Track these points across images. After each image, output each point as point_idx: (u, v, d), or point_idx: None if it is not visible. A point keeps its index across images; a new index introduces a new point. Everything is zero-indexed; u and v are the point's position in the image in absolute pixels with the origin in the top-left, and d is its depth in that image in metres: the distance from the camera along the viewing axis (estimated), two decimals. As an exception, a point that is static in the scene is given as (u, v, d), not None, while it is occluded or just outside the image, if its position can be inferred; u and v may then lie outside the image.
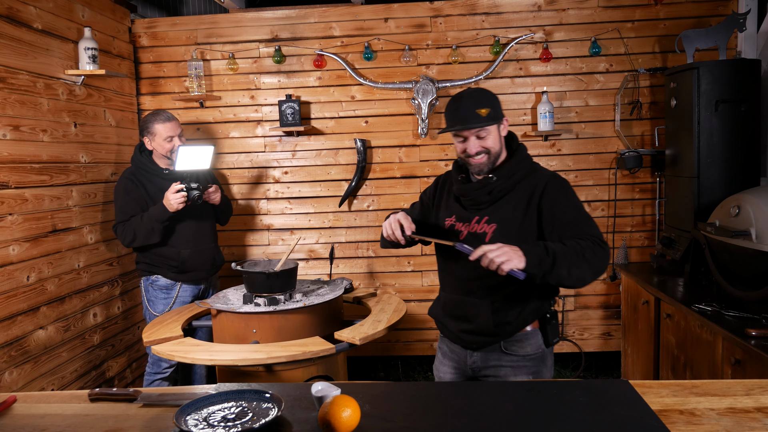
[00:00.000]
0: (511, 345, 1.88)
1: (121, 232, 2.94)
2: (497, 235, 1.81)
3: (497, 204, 1.87)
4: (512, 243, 1.67)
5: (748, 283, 2.39)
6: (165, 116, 3.00)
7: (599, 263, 1.70)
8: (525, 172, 1.89)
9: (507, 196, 1.86)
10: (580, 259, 1.66)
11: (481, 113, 1.81)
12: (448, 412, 1.29)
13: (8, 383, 2.58)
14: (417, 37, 3.69)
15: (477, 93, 1.86)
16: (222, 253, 3.29)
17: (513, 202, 1.85)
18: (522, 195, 1.85)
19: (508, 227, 1.83)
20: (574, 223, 1.78)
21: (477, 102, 1.82)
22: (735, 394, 1.34)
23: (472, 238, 1.86)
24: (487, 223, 1.86)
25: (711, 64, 2.99)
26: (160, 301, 3.05)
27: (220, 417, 1.26)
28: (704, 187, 3.01)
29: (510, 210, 1.84)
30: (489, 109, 1.82)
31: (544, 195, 1.82)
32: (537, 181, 1.85)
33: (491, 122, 1.82)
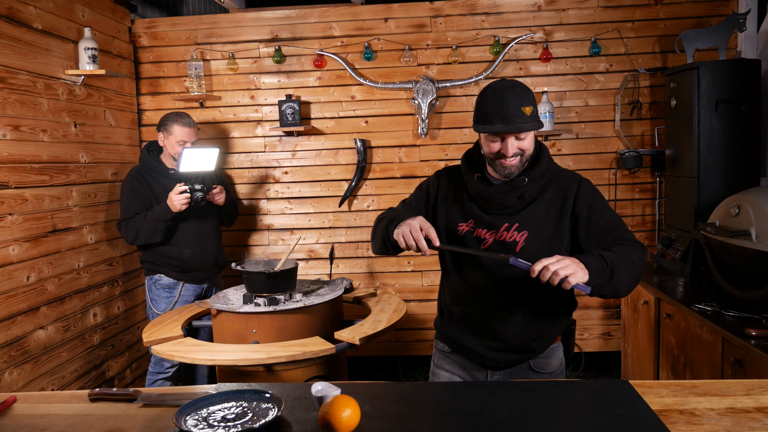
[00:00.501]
0: (540, 362, 1.77)
1: (124, 229, 2.97)
2: (530, 244, 1.67)
3: (528, 209, 1.71)
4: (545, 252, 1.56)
5: (748, 283, 2.39)
6: (186, 121, 3.03)
7: (642, 267, 1.62)
8: (552, 174, 1.75)
9: (537, 200, 1.72)
10: (630, 265, 1.57)
11: (526, 112, 1.63)
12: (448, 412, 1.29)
13: (8, 383, 2.58)
14: (417, 37, 3.68)
15: (520, 88, 1.65)
16: (225, 253, 3.29)
17: (544, 206, 1.71)
18: (553, 199, 1.71)
19: (541, 235, 1.69)
20: (611, 228, 1.67)
21: (522, 98, 1.63)
22: (735, 394, 1.34)
23: (498, 247, 1.70)
24: (517, 230, 1.69)
25: (711, 64, 2.99)
26: (163, 300, 3.08)
27: (220, 417, 1.26)
28: (704, 187, 3.01)
29: (542, 215, 1.70)
30: (532, 107, 1.65)
31: (579, 199, 1.70)
32: (568, 184, 1.73)
33: (536, 123, 1.65)
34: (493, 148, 1.67)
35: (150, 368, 3.10)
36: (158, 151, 3.12)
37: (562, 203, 1.70)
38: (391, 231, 1.69)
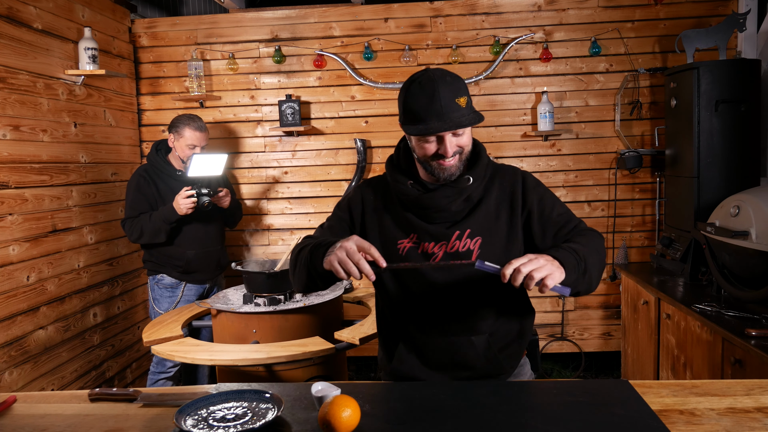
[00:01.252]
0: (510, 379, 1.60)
1: (129, 227, 2.97)
2: (485, 250, 1.49)
3: (476, 212, 1.52)
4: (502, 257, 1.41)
5: (748, 283, 2.39)
6: (198, 125, 3.03)
7: (605, 255, 1.50)
8: (493, 170, 1.58)
9: (484, 200, 1.53)
10: (598, 256, 1.44)
11: (461, 103, 1.42)
12: (447, 412, 1.29)
13: (8, 383, 2.58)
14: (417, 37, 3.68)
15: (450, 77, 1.44)
16: (227, 255, 3.30)
17: (492, 206, 1.52)
18: (500, 197, 1.54)
19: (495, 238, 1.51)
20: (566, 219, 1.53)
21: (454, 89, 1.42)
22: (735, 394, 1.34)
23: (450, 259, 1.49)
24: (470, 237, 1.50)
25: (711, 64, 2.99)
26: (165, 300, 3.08)
27: (219, 417, 1.26)
28: (704, 187, 3.01)
29: (492, 217, 1.52)
30: (467, 98, 1.44)
31: (527, 193, 1.53)
32: (511, 179, 1.56)
33: (474, 115, 1.44)
34: (429, 150, 1.45)
35: (152, 368, 3.10)
36: (166, 151, 3.12)
37: (511, 200, 1.53)
38: (319, 260, 1.41)
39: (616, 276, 3.68)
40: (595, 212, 3.72)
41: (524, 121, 3.70)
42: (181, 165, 3.05)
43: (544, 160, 3.70)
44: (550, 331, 3.80)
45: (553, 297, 3.76)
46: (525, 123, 3.70)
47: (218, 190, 3.01)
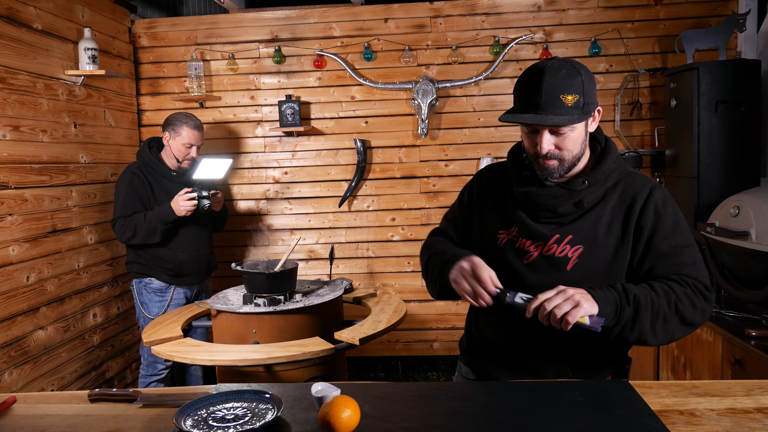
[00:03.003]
0: None
1: (120, 227, 2.87)
2: (584, 262, 1.37)
3: (585, 218, 1.39)
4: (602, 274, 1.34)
5: (748, 284, 2.39)
6: (195, 123, 2.98)
7: (696, 318, 1.32)
8: (619, 177, 1.42)
9: (597, 207, 1.39)
10: (671, 310, 1.29)
11: (567, 102, 1.30)
12: (448, 412, 1.29)
13: (8, 383, 2.58)
14: (417, 37, 3.69)
15: (566, 69, 1.31)
16: (216, 258, 3.26)
17: (605, 216, 1.38)
18: (618, 208, 1.39)
19: (601, 251, 1.37)
20: (674, 255, 1.35)
21: (564, 83, 1.30)
22: (735, 394, 1.34)
23: (544, 262, 1.40)
24: (570, 243, 1.38)
25: (711, 65, 2.99)
26: (155, 304, 3.00)
27: (219, 417, 1.26)
28: (704, 187, 3.01)
29: (603, 227, 1.37)
30: (578, 96, 1.30)
31: (646, 208, 1.37)
32: (636, 190, 1.39)
33: (577, 117, 1.31)
34: (528, 144, 1.38)
35: (142, 371, 3.04)
36: (158, 149, 3.05)
37: (628, 213, 1.37)
38: (447, 275, 1.40)
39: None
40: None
41: (524, 122, 3.69)
42: (175, 164, 3.00)
43: (544, 161, 3.70)
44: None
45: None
46: (525, 123, 3.69)
47: (215, 192, 2.98)
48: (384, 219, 3.80)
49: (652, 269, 1.36)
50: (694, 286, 1.33)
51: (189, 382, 3.26)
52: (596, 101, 1.37)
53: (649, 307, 1.28)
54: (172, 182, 2.98)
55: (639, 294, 1.28)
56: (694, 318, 1.32)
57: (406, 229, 3.80)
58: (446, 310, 3.81)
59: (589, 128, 1.40)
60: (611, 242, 1.37)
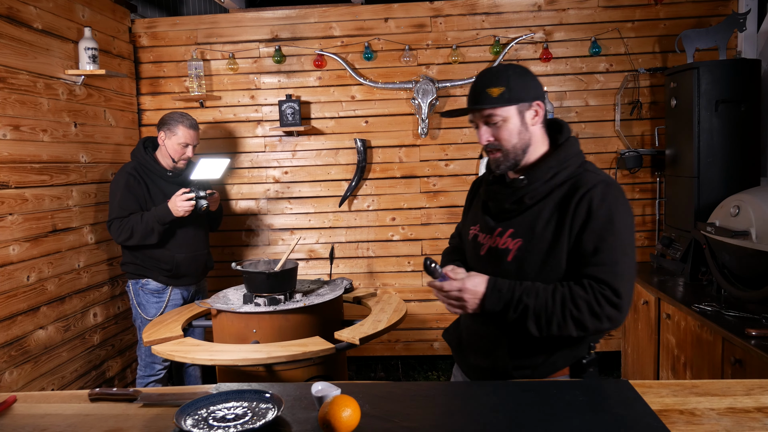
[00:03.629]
0: None
1: (116, 228, 2.84)
2: (523, 254, 1.46)
3: (527, 213, 1.48)
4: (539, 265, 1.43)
5: (748, 283, 2.39)
6: (191, 123, 2.96)
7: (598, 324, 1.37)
8: (569, 175, 1.47)
9: (540, 203, 1.47)
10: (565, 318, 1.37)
11: (492, 93, 1.43)
12: (448, 412, 1.29)
13: (8, 383, 2.58)
14: (417, 37, 3.69)
15: (498, 68, 1.48)
16: (212, 258, 3.25)
17: (546, 211, 1.46)
18: (559, 204, 1.45)
19: (537, 245, 1.45)
20: (595, 254, 1.38)
21: (492, 78, 1.45)
22: (735, 394, 1.34)
23: (491, 254, 1.53)
24: (511, 237, 1.48)
25: (711, 64, 2.99)
26: (152, 305, 2.99)
27: (220, 417, 1.26)
28: (704, 187, 3.01)
29: (542, 222, 1.45)
30: (503, 89, 1.42)
31: (580, 205, 1.41)
32: (579, 187, 1.44)
33: (501, 103, 1.43)
34: (479, 139, 1.50)
35: (139, 372, 3.03)
36: (153, 149, 3.02)
37: (566, 208, 1.43)
38: None
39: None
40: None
41: (524, 121, 3.69)
42: (170, 164, 2.98)
43: (544, 160, 3.70)
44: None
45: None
46: (525, 123, 3.69)
47: (212, 192, 2.97)
48: (384, 219, 3.80)
49: (577, 265, 1.42)
50: (600, 292, 1.37)
51: (187, 383, 3.25)
52: (532, 96, 1.46)
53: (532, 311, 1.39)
54: (168, 182, 2.96)
55: (530, 303, 1.39)
56: (595, 324, 1.38)
57: (407, 229, 3.80)
58: (446, 310, 3.81)
59: (529, 122, 1.48)
60: (547, 236, 1.44)
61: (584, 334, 1.41)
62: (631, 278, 1.40)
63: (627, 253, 1.39)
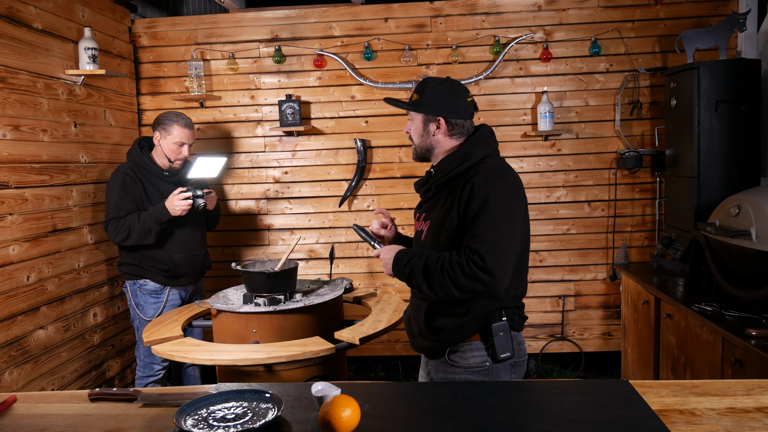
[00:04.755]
0: (454, 356, 1.77)
1: (113, 228, 2.83)
2: (430, 233, 1.78)
3: (433, 200, 1.82)
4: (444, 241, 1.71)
5: (748, 283, 2.39)
6: (186, 122, 2.95)
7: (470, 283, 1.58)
8: (469, 167, 1.75)
9: (443, 191, 1.79)
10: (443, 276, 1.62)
11: (413, 97, 1.81)
12: (448, 412, 1.29)
13: (8, 383, 2.58)
14: (417, 37, 3.69)
15: (427, 80, 1.82)
16: (210, 258, 3.24)
17: (444, 197, 1.77)
18: (453, 190, 1.74)
19: (435, 223, 1.77)
20: (471, 228, 1.64)
21: (419, 86, 1.81)
22: (735, 394, 1.34)
23: (417, 236, 1.88)
24: (424, 220, 1.83)
25: (711, 64, 2.99)
26: (150, 306, 2.98)
27: (220, 417, 1.26)
28: (704, 187, 3.01)
29: (440, 205, 1.77)
30: (418, 97, 1.79)
31: (465, 189, 1.69)
32: (470, 176, 1.71)
33: (409, 107, 1.81)
34: None
35: (138, 372, 3.02)
36: (149, 149, 3.01)
37: (458, 194, 1.71)
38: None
39: (617, 276, 3.68)
40: (595, 212, 3.72)
41: (524, 121, 3.70)
42: (166, 164, 2.97)
43: (544, 160, 3.70)
44: (550, 331, 3.80)
45: (553, 297, 3.77)
46: (525, 123, 3.70)
47: (209, 191, 2.96)
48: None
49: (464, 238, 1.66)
50: (469, 257, 1.59)
51: (186, 383, 3.25)
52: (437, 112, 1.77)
53: (420, 272, 1.66)
54: (164, 182, 2.96)
55: (416, 264, 1.68)
56: (468, 284, 1.59)
57: (407, 229, 3.80)
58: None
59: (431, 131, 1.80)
60: (441, 216, 1.74)
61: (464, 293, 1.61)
62: (499, 247, 1.59)
63: (497, 225, 1.61)
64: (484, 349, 1.75)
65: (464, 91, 1.81)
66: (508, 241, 1.61)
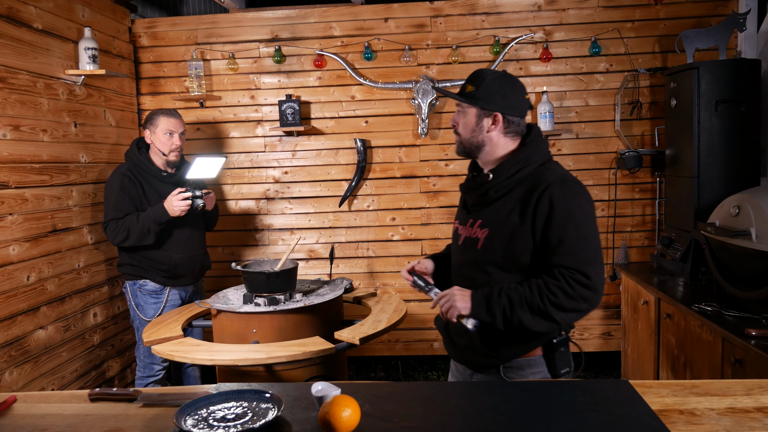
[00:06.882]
0: (510, 372, 1.66)
1: (112, 229, 2.83)
2: (490, 242, 1.63)
3: (494, 206, 1.66)
4: (504, 252, 1.58)
5: (748, 283, 2.39)
6: (171, 112, 2.97)
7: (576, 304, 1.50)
8: (531, 172, 1.63)
9: (505, 197, 1.64)
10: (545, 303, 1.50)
11: (468, 89, 1.67)
12: (448, 412, 1.29)
13: (8, 383, 2.58)
14: (417, 37, 3.69)
15: (485, 71, 1.68)
16: (210, 258, 3.24)
17: (509, 204, 1.62)
18: (521, 198, 1.60)
19: (502, 233, 1.61)
20: (560, 244, 1.53)
21: (474, 76, 1.68)
22: (735, 394, 1.34)
23: (465, 244, 1.71)
24: (480, 227, 1.67)
25: (711, 64, 2.99)
26: (150, 306, 2.98)
27: (220, 417, 1.26)
28: (704, 187, 3.01)
29: (505, 213, 1.62)
30: (474, 89, 1.65)
31: (542, 200, 1.56)
32: (539, 183, 1.58)
33: (464, 99, 1.66)
34: None
35: (138, 372, 3.02)
36: (147, 150, 3.01)
37: (527, 202, 1.58)
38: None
39: (616, 276, 3.68)
40: (596, 212, 3.72)
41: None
42: (163, 162, 2.96)
43: (544, 160, 3.70)
44: (550, 331, 3.80)
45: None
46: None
47: (208, 191, 2.95)
48: (384, 218, 3.80)
49: (546, 258, 1.56)
50: (570, 276, 1.51)
51: (186, 384, 3.25)
52: (495, 107, 1.63)
53: (523, 303, 1.52)
54: (163, 182, 2.95)
55: (513, 295, 1.54)
56: (572, 304, 1.50)
57: (407, 229, 3.80)
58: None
59: (485, 127, 1.66)
60: (509, 226, 1.60)
61: (567, 316, 1.53)
62: (598, 262, 1.54)
63: (590, 240, 1.55)
64: (545, 364, 1.66)
65: (523, 87, 1.69)
66: (600, 254, 1.56)
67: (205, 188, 2.96)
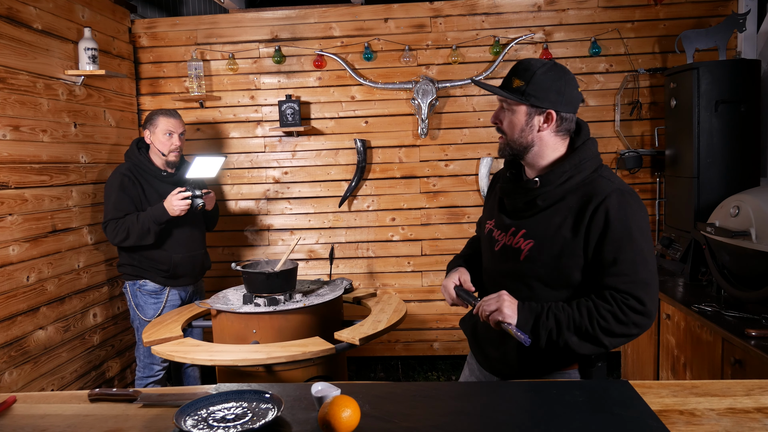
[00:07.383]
0: None
1: (112, 229, 2.83)
2: (534, 255, 1.48)
3: (541, 215, 1.50)
4: (552, 267, 1.45)
5: (748, 283, 2.39)
6: (170, 112, 2.97)
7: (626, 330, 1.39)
8: (583, 179, 1.48)
9: (554, 206, 1.48)
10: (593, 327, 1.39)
11: (514, 83, 1.48)
12: (448, 412, 1.29)
13: (8, 383, 2.58)
14: (417, 37, 3.69)
15: (535, 62, 1.48)
16: (209, 258, 3.24)
17: (559, 215, 1.47)
18: (573, 209, 1.45)
19: (548, 247, 1.47)
20: (615, 264, 1.40)
21: (522, 69, 1.48)
22: (735, 394, 1.34)
23: (506, 251, 1.55)
24: (524, 237, 1.50)
25: (711, 65, 2.99)
26: (150, 306, 2.98)
27: (219, 417, 1.26)
28: (704, 187, 3.01)
29: (554, 226, 1.46)
30: (523, 84, 1.46)
31: (597, 214, 1.41)
32: (594, 195, 1.43)
33: (514, 97, 1.47)
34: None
35: (138, 372, 3.02)
36: (146, 150, 3.01)
37: (581, 215, 1.44)
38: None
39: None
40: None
41: (524, 122, 3.69)
42: (163, 162, 2.96)
43: (544, 161, 3.70)
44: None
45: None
46: (525, 123, 3.69)
47: (207, 191, 2.95)
48: (384, 219, 3.80)
49: (598, 275, 1.44)
50: (623, 302, 1.39)
51: (186, 384, 3.25)
52: (549, 103, 1.46)
53: (571, 326, 1.41)
54: (162, 182, 2.95)
55: (561, 316, 1.42)
56: (622, 330, 1.40)
57: (406, 229, 3.80)
58: (446, 310, 3.81)
59: (536, 126, 1.49)
60: (559, 241, 1.46)
61: (615, 341, 1.42)
62: (653, 286, 1.42)
63: (647, 261, 1.42)
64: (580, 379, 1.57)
65: (574, 79, 1.51)
66: (656, 276, 1.43)
67: (204, 188, 2.96)
